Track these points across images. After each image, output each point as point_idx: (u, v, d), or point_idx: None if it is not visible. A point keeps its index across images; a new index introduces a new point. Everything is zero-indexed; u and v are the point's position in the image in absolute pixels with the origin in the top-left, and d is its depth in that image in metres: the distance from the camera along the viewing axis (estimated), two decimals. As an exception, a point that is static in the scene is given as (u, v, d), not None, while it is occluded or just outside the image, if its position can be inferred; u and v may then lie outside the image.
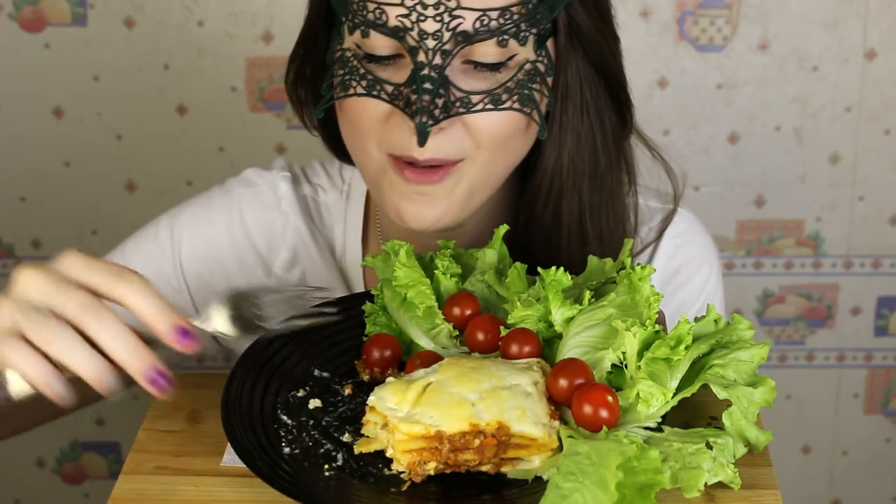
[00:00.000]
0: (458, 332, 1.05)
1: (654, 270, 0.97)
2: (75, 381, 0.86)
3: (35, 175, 1.99)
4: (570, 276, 1.01)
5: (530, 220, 1.17)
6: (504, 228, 1.11)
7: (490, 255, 1.09)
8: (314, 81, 1.17)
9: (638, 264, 0.98)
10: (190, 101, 1.94)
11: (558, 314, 0.99)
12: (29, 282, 0.87)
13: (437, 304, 1.04)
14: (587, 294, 0.99)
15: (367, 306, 1.09)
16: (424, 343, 1.05)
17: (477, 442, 0.89)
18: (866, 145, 1.98)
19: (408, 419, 0.90)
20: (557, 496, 0.83)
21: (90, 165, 1.98)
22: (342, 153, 1.19)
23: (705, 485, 0.87)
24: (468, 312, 1.05)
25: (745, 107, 1.96)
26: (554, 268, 1.00)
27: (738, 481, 0.88)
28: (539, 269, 1.02)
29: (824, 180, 2.00)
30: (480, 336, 1.02)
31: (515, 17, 1.04)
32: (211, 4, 1.90)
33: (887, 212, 2.02)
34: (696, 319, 0.97)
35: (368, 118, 1.08)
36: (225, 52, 1.92)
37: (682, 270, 1.27)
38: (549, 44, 1.09)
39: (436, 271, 1.07)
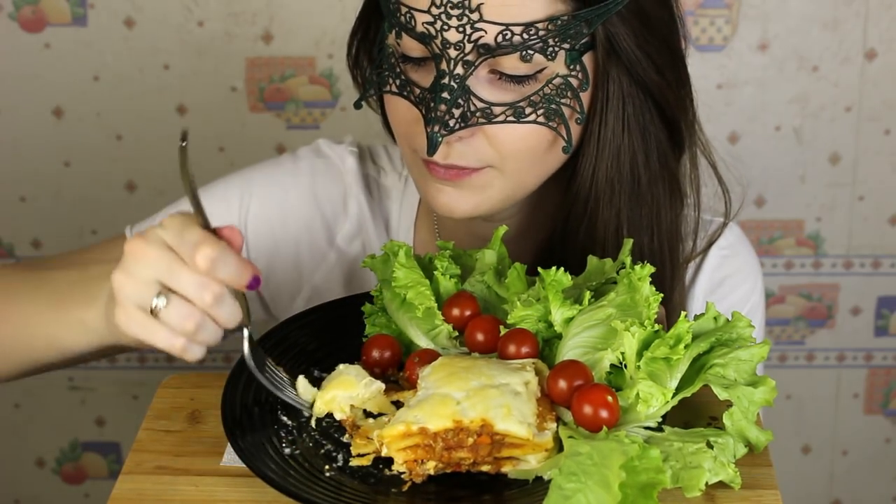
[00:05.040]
0: (457, 333, 1.05)
1: (654, 269, 0.97)
2: None
3: (35, 175, 1.99)
4: (569, 277, 1.01)
5: (565, 233, 1.16)
6: (503, 229, 1.11)
7: (489, 255, 1.09)
8: (370, 62, 1.18)
9: (637, 264, 0.97)
10: (190, 101, 1.94)
11: (558, 314, 0.99)
12: (143, 259, 0.91)
13: (436, 304, 1.04)
14: (587, 294, 0.99)
15: (367, 307, 1.09)
16: (424, 344, 1.04)
17: (470, 440, 0.89)
18: (866, 145, 1.98)
19: (394, 419, 0.91)
20: (560, 497, 0.83)
21: (90, 165, 1.98)
22: None
23: (706, 484, 0.87)
24: (468, 313, 1.05)
25: (745, 107, 1.96)
26: (554, 268, 1.00)
27: (738, 481, 0.88)
28: (539, 269, 1.02)
29: (824, 180, 2.00)
30: (480, 337, 1.02)
31: (541, 32, 1.03)
32: (211, 4, 1.90)
33: (887, 212, 2.02)
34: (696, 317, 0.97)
35: (401, 117, 1.10)
36: (225, 52, 1.92)
37: (727, 282, 1.27)
38: (588, 58, 1.07)
39: (435, 272, 1.07)
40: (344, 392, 0.97)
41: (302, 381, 0.99)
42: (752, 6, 1.91)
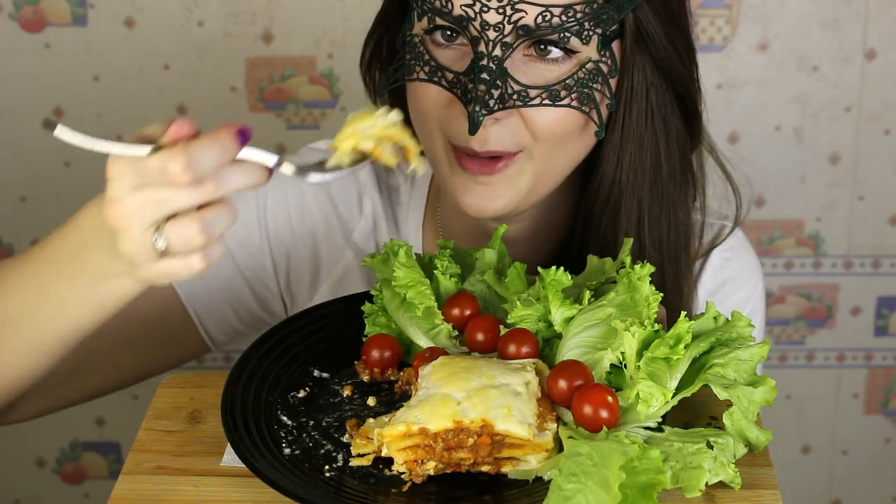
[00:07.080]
0: (457, 333, 1.05)
1: (654, 269, 0.97)
2: None
3: (35, 175, 1.98)
4: (569, 276, 1.01)
5: (588, 223, 1.18)
6: (503, 228, 1.11)
7: (489, 254, 1.09)
8: (386, 65, 1.19)
9: (637, 263, 0.98)
10: (190, 101, 1.94)
11: (558, 314, 0.99)
12: (130, 219, 0.88)
13: (436, 304, 1.04)
14: (587, 294, 0.99)
15: (367, 307, 1.09)
16: (424, 343, 1.04)
17: (470, 441, 0.89)
18: (866, 145, 1.98)
19: (394, 419, 0.91)
20: (560, 497, 0.83)
21: (90, 165, 1.98)
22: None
23: (706, 484, 0.87)
24: (467, 313, 1.05)
25: (745, 107, 1.96)
26: (554, 267, 1.01)
27: (738, 481, 0.88)
28: (539, 269, 1.02)
29: (824, 180, 2.00)
30: (480, 336, 1.02)
31: (579, 15, 1.05)
32: (211, 4, 1.90)
33: (887, 212, 2.02)
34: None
35: (431, 103, 1.10)
36: (225, 52, 1.91)
37: (728, 284, 1.28)
38: (616, 46, 1.10)
39: (435, 271, 1.07)
40: (362, 124, 0.88)
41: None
42: (752, 6, 1.90)
